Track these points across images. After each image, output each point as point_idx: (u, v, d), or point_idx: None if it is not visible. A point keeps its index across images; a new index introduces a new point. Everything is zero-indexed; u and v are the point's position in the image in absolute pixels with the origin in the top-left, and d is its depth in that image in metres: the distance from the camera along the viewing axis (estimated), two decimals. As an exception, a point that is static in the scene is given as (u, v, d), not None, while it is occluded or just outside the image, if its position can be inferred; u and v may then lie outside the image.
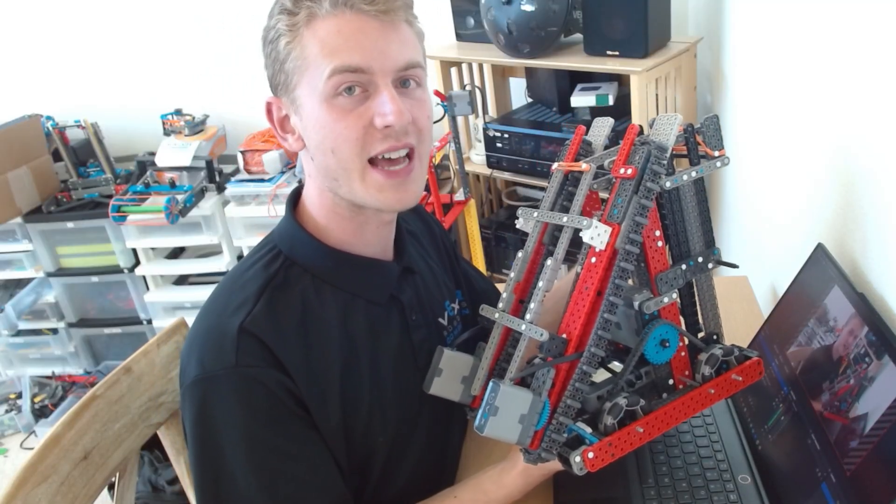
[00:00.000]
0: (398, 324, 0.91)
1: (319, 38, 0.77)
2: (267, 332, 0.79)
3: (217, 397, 0.78)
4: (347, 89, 0.77)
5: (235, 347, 0.77)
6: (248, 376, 0.77)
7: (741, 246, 1.75)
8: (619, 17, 1.77)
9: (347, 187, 0.81)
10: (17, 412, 2.58)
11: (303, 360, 0.81)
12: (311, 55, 0.77)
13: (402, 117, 0.77)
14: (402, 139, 0.79)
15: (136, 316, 2.58)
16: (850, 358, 0.80)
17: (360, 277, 0.88)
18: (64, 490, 0.89)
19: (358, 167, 0.79)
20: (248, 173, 2.35)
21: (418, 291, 0.95)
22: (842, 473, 0.75)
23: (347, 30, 0.76)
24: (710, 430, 0.99)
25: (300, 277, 0.85)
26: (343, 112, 0.77)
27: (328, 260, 0.86)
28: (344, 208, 0.85)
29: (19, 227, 2.44)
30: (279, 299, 0.82)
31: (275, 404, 0.78)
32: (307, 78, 0.78)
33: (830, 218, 1.04)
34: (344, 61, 0.76)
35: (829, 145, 1.05)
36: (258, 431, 0.78)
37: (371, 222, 0.87)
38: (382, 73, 0.77)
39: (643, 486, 0.91)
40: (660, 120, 0.79)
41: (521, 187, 2.42)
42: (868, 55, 0.89)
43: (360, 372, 0.86)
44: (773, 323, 1.01)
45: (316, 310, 0.84)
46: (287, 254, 0.86)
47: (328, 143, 0.79)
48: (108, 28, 2.56)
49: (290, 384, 0.79)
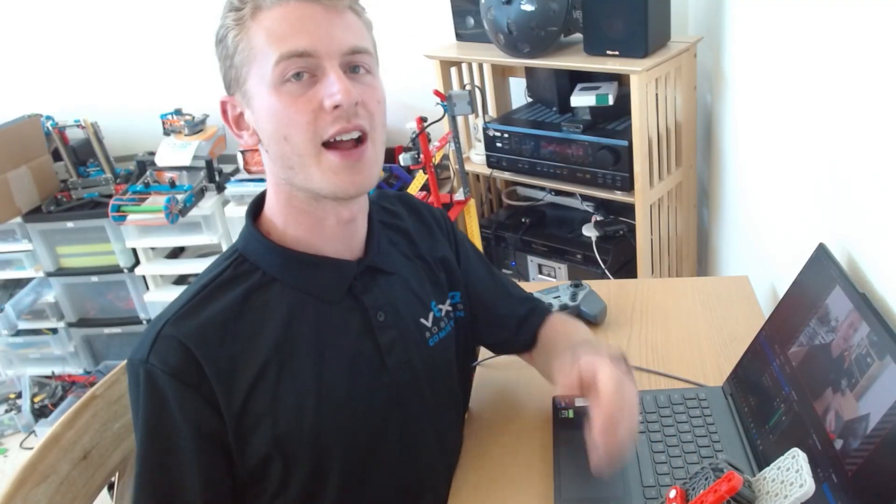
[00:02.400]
0: (358, 324, 0.90)
1: (265, 27, 0.78)
2: (186, 330, 0.82)
3: (130, 381, 0.84)
4: (295, 75, 0.78)
5: (151, 345, 0.81)
6: (150, 374, 0.81)
7: (742, 246, 1.75)
8: (618, 16, 1.77)
9: (303, 174, 0.81)
10: (16, 412, 2.58)
11: (224, 354, 0.83)
12: (257, 45, 0.79)
13: (349, 96, 0.78)
14: (353, 120, 0.80)
15: (135, 316, 2.57)
16: (852, 358, 0.80)
17: (310, 275, 0.88)
18: (63, 490, 0.89)
19: (312, 151, 0.80)
20: (248, 173, 2.35)
21: (391, 291, 0.94)
22: (843, 474, 0.75)
23: (292, 16, 0.78)
24: (710, 430, 0.99)
25: (249, 274, 0.87)
26: (292, 97, 0.78)
27: (277, 257, 0.88)
28: (301, 200, 0.85)
29: (19, 226, 2.44)
30: (216, 296, 0.85)
31: (162, 408, 0.82)
32: (255, 68, 0.79)
33: (832, 218, 1.04)
34: (290, 46, 0.77)
35: (830, 145, 1.05)
36: (146, 422, 0.83)
37: (329, 217, 0.87)
38: (329, 56, 0.78)
39: (643, 486, 0.91)
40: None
41: (521, 187, 2.42)
42: (868, 55, 0.89)
43: (294, 368, 0.86)
44: (774, 323, 1.01)
45: (257, 307, 0.86)
46: (241, 251, 0.89)
47: (281, 131, 0.80)
48: (108, 28, 2.56)
49: (191, 394, 0.81)
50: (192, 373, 0.81)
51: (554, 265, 2.15)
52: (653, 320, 1.29)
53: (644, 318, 1.30)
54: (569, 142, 1.94)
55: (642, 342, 1.23)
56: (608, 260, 2.01)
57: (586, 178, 1.95)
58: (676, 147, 1.97)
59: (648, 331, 1.26)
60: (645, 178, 1.85)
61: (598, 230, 2.08)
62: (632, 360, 1.18)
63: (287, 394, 0.85)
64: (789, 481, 0.69)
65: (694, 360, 1.17)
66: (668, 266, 2.12)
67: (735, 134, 1.75)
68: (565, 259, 2.12)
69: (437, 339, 0.98)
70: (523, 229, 2.20)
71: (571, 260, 2.11)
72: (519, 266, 2.22)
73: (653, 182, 1.89)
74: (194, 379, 0.81)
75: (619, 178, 1.88)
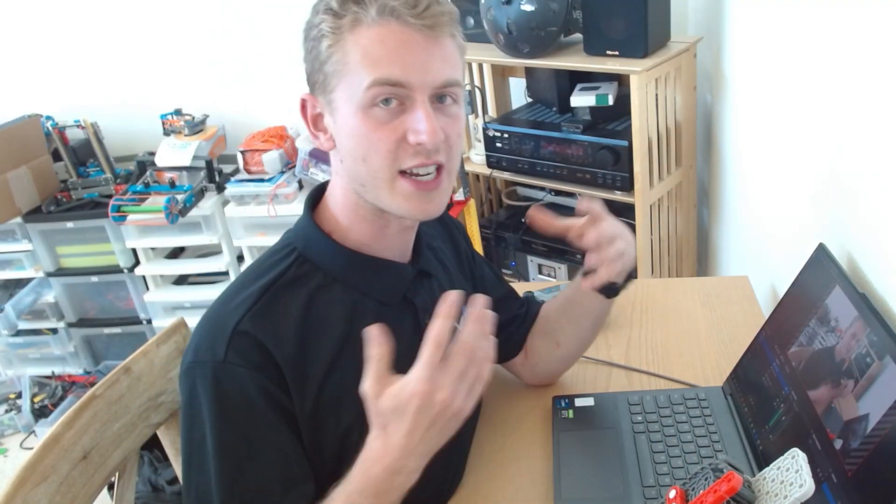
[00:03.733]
0: (410, 326, 0.91)
1: (362, 45, 0.77)
2: (262, 329, 0.81)
3: (202, 385, 0.80)
4: (384, 101, 0.77)
5: (227, 343, 0.79)
6: (231, 373, 0.79)
7: (742, 246, 1.75)
8: (618, 16, 1.77)
9: (374, 194, 0.82)
10: (16, 412, 2.58)
11: (297, 354, 0.82)
12: (352, 62, 0.77)
13: (435, 137, 0.77)
14: (433, 157, 0.80)
15: (135, 316, 2.57)
16: (852, 358, 0.80)
17: (371, 278, 0.89)
18: (63, 490, 0.89)
19: (387, 177, 0.80)
20: (248, 173, 2.35)
21: (434, 295, 0.95)
22: (843, 474, 0.75)
23: (391, 41, 0.76)
24: (710, 430, 0.99)
25: (311, 275, 0.87)
26: (378, 123, 0.78)
27: (340, 259, 0.88)
28: (367, 211, 0.86)
29: (19, 227, 2.44)
30: (282, 296, 0.84)
31: (249, 406, 0.80)
32: (345, 83, 0.78)
33: (832, 218, 1.04)
34: (384, 74, 0.76)
35: (830, 144, 1.05)
36: (226, 429, 0.80)
37: (392, 226, 0.88)
38: (421, 89, 0.77)
39: (643, 486, 0.91)
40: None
41: (521, 187, 2.42)
42: (868, 55, 0.89)
43: (356, 368, 0.86)
44: (773, 323, 1.01)
45: (322, 308, 0.85)
46: (301, 251, 0.88)
47: (360, 152, 0.80)
48: (108, 28, 2.56)
49: (272, 387, 0.80)
50: (273, 371, 0.80)
51: (554, 265, 2.15)
52: (653, 320, 1.29)
53: (644, 318, 1.30)
54: (569, 142, 1.94)
55: (642, 342, 1.23)
56: (608, 260, 2.01)
57: (586, 178, 1.95)
58: (676, 147, 1.97)
59: (648, 331, 1.27)
60: (645, 179, 1.85)
61: (598, 230, 2.07)
62: (632, 360, 1.19)
63: (350, 394, 0.84)
64: (789, 481, 0.69)
65: (694, 360, 1.17)
66: (668, 266, 2.12)
67: (735, 134, 1.75)
68: (565, 259, 2.12)
69: None
70: (523, 229, 2.20)
71: (571, 260, 2.11)
72: (519, 266, 2.22)
73: (653, 182, 1.90)
74: (275, 377, 0.81)
75: (619, 179, 1.88)
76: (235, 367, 0.79)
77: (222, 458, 0.81)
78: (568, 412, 1.06)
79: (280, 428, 0.81)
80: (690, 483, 0.76)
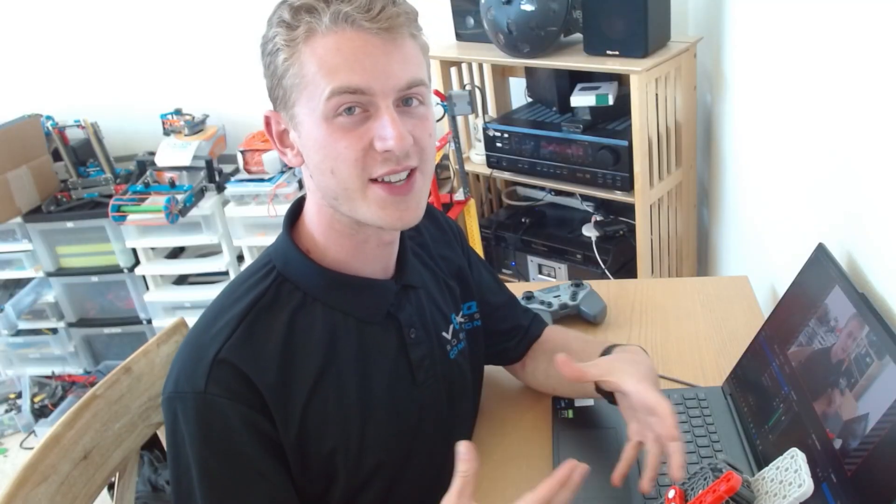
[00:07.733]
0: (395, 343, 0.90)
1: (318, 56, 0.74)
2: (242, 357, 0.79)
3: (184, 416, 0.80)
4: (347, 109, 0.75)
5: (207, 374, 0.78)
6: (212, 405, 0.78)
7: (742, 246, 1.75)
8: (618, 16, 1.77)
9: (348, 206, 0.80)
10: (16, 412, 2.58)
11: (278, 379, 0.81)
12: (309, 73, 0.74)
13: (403, 142, 0.75)
14: (404, 162, 0.77)
15: (135, 316, 2.57)
16: (851, 358, 0.80)
17: (352, 298, 0.87)
18: (64, 490, 0.89)
19: (358, 186, 0.78)
20: (248, 173, 2.35)
21: (420, 306, 0.93)
22: (842, 474, 0.75)
23: (347, 48, 0.73)
24: (710, 430, 0.99)
25: (291, 295, 0.85)
26: (343, 132, 0.75)
27: (320, 279, 0.85)
28: (344, 225, 0.83)
29: (19, 226, 2.44)
30: (263, 319, 0.82)
31: (231, 436, 0.79)
32: (306, 96, 0.76)
33: (831, 218, 1.04)
34: (343, 82, 0.73)
35: (830, 145, 1.05)
36: (210, 459, 0.80)
37: (371, 241, 0.85)
38: (383, 95, 0.75)
39: (643, 487, 0.91)
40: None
41: (521, 187, 2.42)
42: (868, 55, 0.89)
43: (340, 389, 0.85)
44: (773, 323, 1.01)
45: (303, 329, 0.84)
46: (280, 270, 0.86)
47: (328, 164, 0.77)
48: (108, 28, 2.56)
49: (255, 415, 0.80)
50: (254, 400, 0.80)
51: (554, 265, 2.15)
52: (653, 320, 1.29)
53: (644, 318, 1.30)
54: (569, 142, 1.94)
55: (642, 342, 1.23)
56: (608, 260, 2.01)
57: (586, 178, 1.95)
58: (676, 147, 1.97)
59: (648, 331, 1.27)
60: (645, 178, 1.85)
61: (598, 230, 2.08)
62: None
63: (335, 414, 0.85)
64: (788, 481, 0.69)
65: (693, 360, 1.17)
66: (668, 266, 2.12)
67: (735, 134, 1.75)
68: (565, 259, 2.12)
69: (456, 351, 0.98)
70: (523, 229, 2.20)
71: (571, 260, 2.11)
72: (519, 266, 2.23)
73: (653, 182, 1.90)
74: (257, 405, 0.80)
75: (619, 178, 1.88)
76: (216, 399, 0.78)
77: (208, 488, 0.80)
78: (568, 412, 1.06)
79: (264, 455, 0.81)
80: (689, 483, 0.76)
